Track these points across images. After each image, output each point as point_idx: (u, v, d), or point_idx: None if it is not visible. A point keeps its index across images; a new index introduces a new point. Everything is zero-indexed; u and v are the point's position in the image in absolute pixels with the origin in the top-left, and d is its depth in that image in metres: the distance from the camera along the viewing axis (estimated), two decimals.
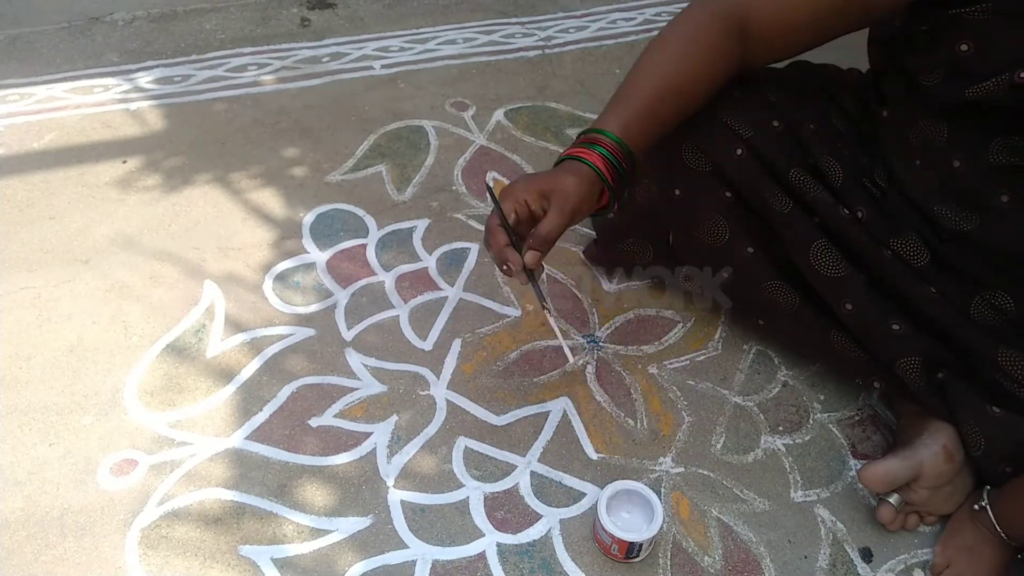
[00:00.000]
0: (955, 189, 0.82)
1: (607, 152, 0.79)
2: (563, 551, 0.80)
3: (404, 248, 1.14)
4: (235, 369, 0.95)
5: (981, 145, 0.79)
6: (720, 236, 0.92)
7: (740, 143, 0.87)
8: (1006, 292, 0.81)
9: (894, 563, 0.81)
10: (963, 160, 0.81)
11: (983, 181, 0.80)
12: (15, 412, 0.89)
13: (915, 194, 0.85)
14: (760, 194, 0.87)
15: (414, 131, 1.37)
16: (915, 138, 0.85)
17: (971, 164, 0.80)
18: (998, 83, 0.74)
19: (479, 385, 0.96)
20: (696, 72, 0.85)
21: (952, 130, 0.81)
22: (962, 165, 0.81)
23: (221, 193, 1.22)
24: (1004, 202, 0.79)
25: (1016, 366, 0.78)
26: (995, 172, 0.78)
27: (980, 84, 0.75)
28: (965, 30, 0.75)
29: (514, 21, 1.73)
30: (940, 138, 0.82)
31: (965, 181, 0.81)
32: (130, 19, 1.66)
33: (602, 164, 0.79)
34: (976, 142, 0.79)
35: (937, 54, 0.79)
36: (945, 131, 0.82)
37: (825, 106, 0.95)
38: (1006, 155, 0.77)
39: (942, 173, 0.83)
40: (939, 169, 0.83)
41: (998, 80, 0.74)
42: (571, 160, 0.80)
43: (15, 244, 1.11)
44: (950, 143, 0.82)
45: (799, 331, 0.92)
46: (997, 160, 0.78)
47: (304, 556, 0.78)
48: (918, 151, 0.85)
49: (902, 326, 0.82)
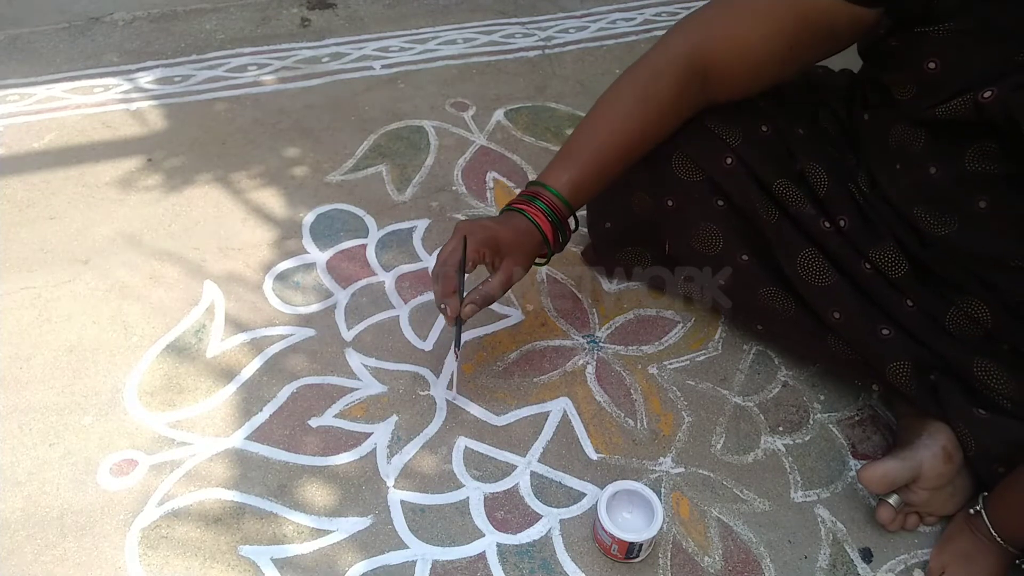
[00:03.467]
0: (932, 194, 0.82)
1: (548, 209, 0.83)
2: (563, 551, 0.80)
3: (404, 248, 1.14)
4: (235, 369, 0.95)
5: (957, 152, 0.78)
6: (714, 245, 0.92)
7: (729, 152, 0.87)
8: (982, 301, 0.81)
9: (894, 563, 0.81)
10: (939, 166, 0.80)
11: (960, 187, 0.79)
12: (15, 412, 0.89)
13: (895, 198, 0.85)
14: (751, 203, 0.88)
15: (414, 131, 1.37)
16: (894, 142, 0.85)
17: (947, 171, 0.80)
18: (964, 102, 0.74)
19: (479, 385, 0.96)
20: (645, 131, 0.85)
21: (929, 137, 0.81)
22: (938, 171, 0.80)
23: (221, 193, 1.22)
24: (982, 208, 0.78)
25: (991, 376, 0.78)
26: (972, 178, 0.78)
27: (947, 103, 0.75)
28: (932, 48, 0.75)
29: (514, 21, 1.73)
30: (917, 144, 0.82)
31: (942, 187, 0.81)
32: (130, 19, 1.66)
33: (546, 225, 0.84)
34: (952, 149, 0.79)
35: (908, 70, 0.79)
36: (922, 138, 0.82)
37: (813, 109, 0.95)
38: (982, 162, 0.77)
39: (919, 178, 0.82)
40: (916, 174, 0.82)
41: (963, 100, 0.74)
42: (523, 217, 0.83)
43: (15, 244, 1.11)
44: (927, 149, 0.81)
45: (797, 336, 0.92)
46: (973, 167, 0.78)
47: (304, 556, 0.78)
48: (897, 155, 0.85)
49: (891, 331, 0.83)
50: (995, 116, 0.72)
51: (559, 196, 0.84)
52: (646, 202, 0.96)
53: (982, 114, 0.73)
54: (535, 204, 0.84)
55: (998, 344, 0.81)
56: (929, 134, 0.81)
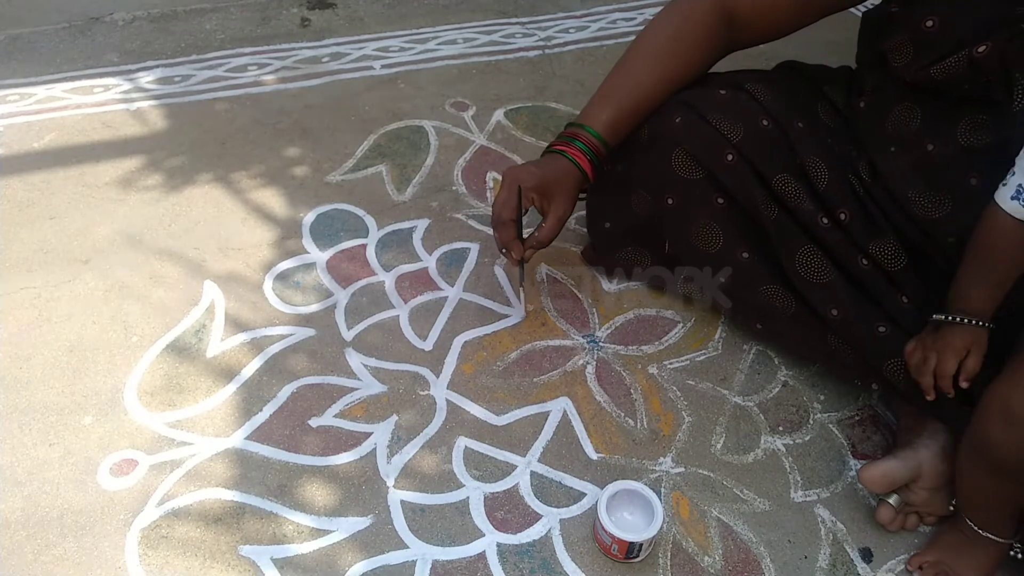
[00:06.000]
0: (928, 174, 0.83)
1: (587, 149, 0.91)
2: (563, 551, 0.80)
3: (404, 248, 1.14)
4: (235, 369, 0.95)
5: (951, 126, 0.80)
6: (714, 242, 0.92)
7: (730, 148, 0.87)
8: None
9: (894, 563, 0.81)
10: (936, 143, 0.82)
11: (954, 163, 0.81)
12: (15, 412, 0.89)
13: (892, 183, 0.86)
14: (752, 199, 0.88)
15: (414, 131, 1.37)
16: (891, 125, 0.86)
17: (943, 146, 0.81)
18: (959, 60, 0.76)
19: (479, 385, 0.96)
20: (678, 70, 0.92)
21: (925, 114, 0.83)
22: (935, 148, 0.82)
23: (221, 193, 1.22)
24: (973, 184, 0.79)
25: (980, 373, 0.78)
26: (964, 153, 0.80)
27: (943, 61, 0.77)
28: (932, 5, 0.77)
29: (514, 21, 1.73)
30: (914, 122, 0.84)
31: (938, 164, 0.82)
32: (130, 19, 1.66)
33: (587, 164, 0.91)
34: (946, 124, 0.81)
35: (906, 31, 0.80)
36: (919, 116, 0.83)
37: (813, 102, 0.95)
38: (974, 135, 0.79)
39: (916, 157, 0.84)
40: (914, 154, 0.84)
41: (958, 57, 0.76)
42: (564, 158, 0.91)
43: (15, 244, 1.11)
44: (923, 127, 0.83)
45: (797, 334, 0.92)
46: (966, 140, 0.80)
47: (304, 556, 0.78)
48: (894, 138, 0.86)
49: (888, 328, 0.83)
50: (989, 70, 0.74)
51: (597, 136, 0.91)
52: (646, 200, 0.96)
53: (976, 71, 0.75)
54: (575, 145, 0.91)
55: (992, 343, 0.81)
56: (925, 110, 0.83)
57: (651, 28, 0.92)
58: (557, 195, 0.90)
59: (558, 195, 0.90)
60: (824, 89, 0.96)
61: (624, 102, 0.91)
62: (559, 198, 0.90)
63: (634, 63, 0.92)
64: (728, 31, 0.90)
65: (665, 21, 0.92)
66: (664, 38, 0.91)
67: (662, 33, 0.91)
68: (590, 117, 0.92)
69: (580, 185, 0.92)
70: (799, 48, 1.04)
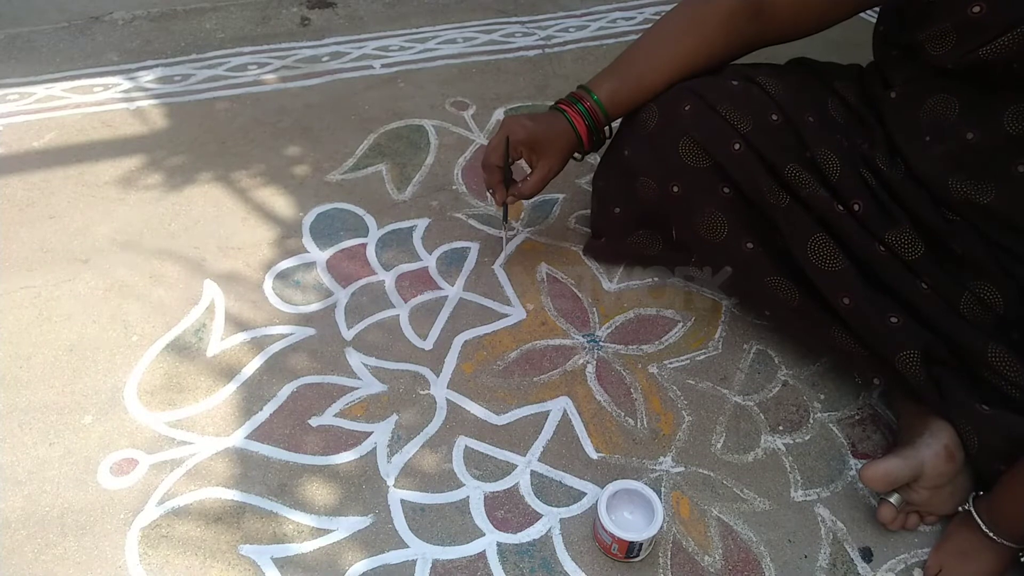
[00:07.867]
0: (969, 162, 0.82)
1: (587, 113, 0.94)
2: (563, 551, 0.80)
3: (404, 247, 1.14)
4: (235, 368, 0.95)
5: (995, 115, 0.80)
6: (719, 232, 0.92)
7: (738, 138, 0.87)
8: (996, 286, 0.82)
9: (894, 563, 0.81)
10: (977, 131, 0.81)
11: (999, 151, 0.80)
12: (15, 412, 0.89)
13: (926, 171, 0.85)
14: (758, 189, 0.88)
15: (414, 130, 1.37)
16: (925, 116, 0.86)
17: (986, 135, 0.81)
18: (1013, 38, 0.75)
19: (479, 384, 0.96)
20: (692, 55, 0.93)
21: (963, 104, 0.82)
22: (976, 136, 0.82)
23: (221, 192, 1.22)
24: (1021, 172, 0.79)
25: (1004, 363, 0.78)
26: (1012, 141, 0.79)
27: (995, 41, 0.76)
28: None
29: (514, 20, 1.73)
30: (951, 113, 0.83)
31: (980, 153, 0.82)
32: (130, 18, 1.66)
33: (582, 127, 0.94)
34: (989, 113, 0.80)
35: (947, 20, 0.80)
36: (956, 105, 0.83)
37: (823, 98, 0.95)
38: (1022, 121, 0.79)
39: (955, 147, 0.83)
40: (951, 143, 0.83)
41: (1013, 35, 0.75)
42: (563, 119, 0.94)
43: (15, 244, 1.11)
44: (962, 116, 0.83)
45: (801, 326, 0.92)
46: (1013, 128, 0.79)
47: (304, 555, 0.78)
48: (928, 128, 0.85)
49: (900, 319, 0.82)
50: None
51: (599, 104, 0.94)
52: (651, 188, 0.96)
53: None
54: (576, 107, 0.94)
55: (1008, 332, 0.81)
56: (963, 100, 0.83)
57: (674, 9, 0.94)
58: (547, 153, 0.94)
59: (548, 153, 0.94)
60: (835, 85, 0.96)
61: (631, 76, 0.94)
62: (548, 156, 0.94)
63: (650, 40, 0.95)
64: (752, 23, 0.91)
65: (688, 4, 0.93)
66: (684, 18, 0.93)
67: (683, 14, 0.93)
68: (597, 84, 0.95)
69: (573, 147, 0.95)
70: (799, 48, 1.04)
